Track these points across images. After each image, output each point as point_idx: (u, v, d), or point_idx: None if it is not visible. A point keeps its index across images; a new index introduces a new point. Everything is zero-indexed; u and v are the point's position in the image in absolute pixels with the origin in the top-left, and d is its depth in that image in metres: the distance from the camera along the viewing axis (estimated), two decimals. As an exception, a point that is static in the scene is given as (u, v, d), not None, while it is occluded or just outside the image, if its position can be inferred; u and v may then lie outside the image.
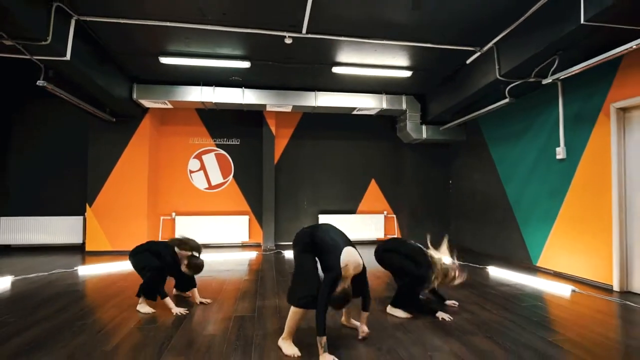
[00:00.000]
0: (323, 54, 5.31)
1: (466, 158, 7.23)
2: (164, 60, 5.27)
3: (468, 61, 5.35)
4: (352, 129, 7.94)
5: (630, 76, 4.03)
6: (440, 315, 3.19)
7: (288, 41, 4.77)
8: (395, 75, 5.88)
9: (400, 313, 3.30)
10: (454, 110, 6.36)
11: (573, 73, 4.07)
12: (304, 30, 4.54)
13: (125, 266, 5.23)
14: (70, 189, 7.00)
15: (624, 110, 4.18)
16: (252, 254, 6.53)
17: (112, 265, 5.41)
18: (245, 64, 5.45)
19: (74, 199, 6.96)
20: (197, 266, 3.58)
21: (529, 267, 5.39)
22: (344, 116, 7.63)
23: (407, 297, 3.32)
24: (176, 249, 3.64)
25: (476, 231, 6.86)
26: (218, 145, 7.57)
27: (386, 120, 7.95)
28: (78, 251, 6.67)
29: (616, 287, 4.13)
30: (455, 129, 7.08)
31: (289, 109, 6.86)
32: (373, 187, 8.05)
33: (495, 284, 4.42)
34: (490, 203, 6.43)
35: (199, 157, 7.50)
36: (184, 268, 3.57)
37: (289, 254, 6.49)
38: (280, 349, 2.49)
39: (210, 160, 7.53)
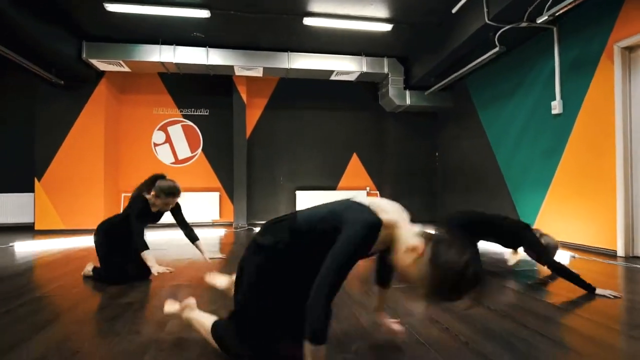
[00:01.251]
0: (293, 1, 4.70)
1: (454, 126, 6.71)
2: (110, 7, 4.62)
3: (454, 10, 4.79)
4: (332, 98, 7.35)
5: (638, 8, 3.50)
6: None
7: (248, -20, 4.17)
8: (374, 29, 5.31)
9: None
10: (438, 71, 5.81)
11: (572, 5, 3.53)
12: (265, -36, 3.94)
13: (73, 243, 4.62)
14: (18, 163, 6.31)
15: (629, 49, 3.66)
16: (222, 232, 5.96)
17: (57, 241, 4.79)
18: (204, 13, 4.81)
19: (22, 174, 6.28)
20: (166, 188, 2.77)
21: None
22: (323, 84, 7.03)
23: None
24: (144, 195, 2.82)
25: (465, 203, 6.35)
26: (185, 116, 6.93)
27: (368, 88, 7.36)
28: (30, 231, 6.01)
29: (620, 252, 3.65)
30: (442, 95, 6.55)
31: (259, 72, 6.25)
32: (355, 162, 7.49)
33: (482, 253, 3.91)
34: (480, 171, 5.93)
35: (163, 128, 6.86)
36: (155, 203, 2.79)
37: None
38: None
39: (176, 132, 6.90)
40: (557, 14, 3.77)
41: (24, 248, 4.35)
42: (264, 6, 4.80)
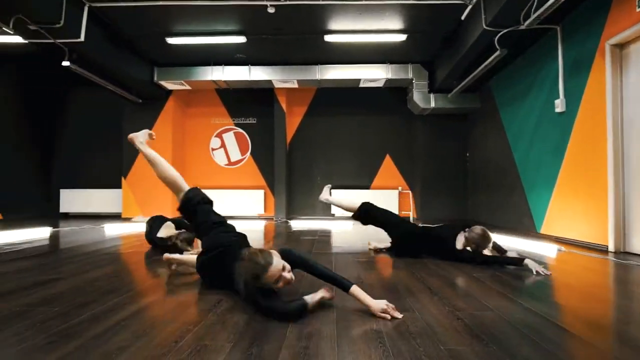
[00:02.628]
0: (310, 22, 5.45)
1: (481, 127, 6.81)
2: (171, 40, 5.85)
3: (463, 17, 5.10)
4: (365, 104, 7.91)
5: (626, 3, 3.54)
6: None
7: (270, 10, 5.00)
8: (390, 39, 5.80)
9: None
10: (456, 74, 6.05)
11: (555, 7, 3.69)
12: (282, -4, 4.74)
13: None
14: (111, 164, 8.00)
15: (620, 47, 3.70)
16: (264, 223, 6.91)
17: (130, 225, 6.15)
18: (241, 39, 5.81)
19: (114, 174, 7.96)
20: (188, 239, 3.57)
21: (534, 235, 4.96)
22: (356, 91, 7.64)
23: None
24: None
25: (489, 203, 6.44)
26: (237, 124, 8.08)
27: (397, 93, 7.76)
28: (117, 219, 7.61)
29: (611, 248, 3.68)
30: (469, 96, 6.71)
31: (295, 84, 7.10)
32: (387, 162, 7.93)
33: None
34: (500, 170, 6.01)
35: (219, 135, 8.09)
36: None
37: (295, 223, 6.75)
38: None
39: (229, 138, 8.08)
40: (543, 17, 3.93)
41: (111, 228, 5.73)
42: (289, 29, 5.62)
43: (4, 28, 4.30)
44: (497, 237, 3.34)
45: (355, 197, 7.59)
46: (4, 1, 4.18)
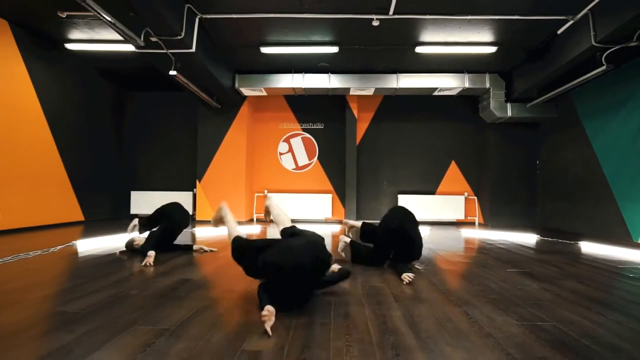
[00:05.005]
0: (407, 34, 5.61)
1: (557, 136, 6.95)
2: (265, 50, 6.02)
3: (559, 31, 5.25)
4: (431, 110, 8.08)
5: None
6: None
7: (375, 23, 5.18)
8: (480, 52, 5.94)
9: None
10: (541, 86, 6.20)
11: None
12: (391, 11, 4.90)
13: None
14: (183, 167, 8.21)
15: None
16: (337, 227, 7.08)
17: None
18: (334, 49, 5.97)
19: (185, 177, 8.17)
20: None
21: (630, 244, 5.11)
22: (423, 98, 7.80)
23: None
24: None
25: (567, 211, 6.58)
26: (304, 130, 8.25)
27: (466, 101, 7.94)
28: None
29: None
30: (545, 106, 6.85)
31: (371, 92, 7.26)
32: (453, 169, 8.09)
33: (589, 259, 4.32)
34: (584, 180, 6.15)
35: (287, 140, 8.27)
36: None
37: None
38: None
39: (297, 143, 8.25)
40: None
41: (201, 232, 5.93)
42: (384, 40, 5.78)
43: (136, 40, 4.47)
44: (585, 245, 3.48)
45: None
46: (137, 16, 4.37)
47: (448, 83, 6.92)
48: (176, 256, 3.76)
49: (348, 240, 3.60)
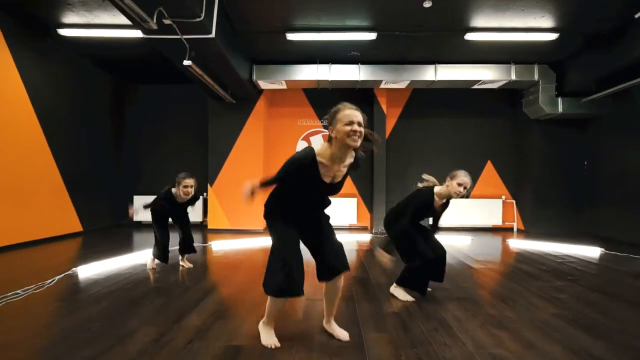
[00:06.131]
0: (459, 18, 4.84)
1: (613, 135, 6.23)
2: (291, 36, 5.20)
3: (637, 15, 4.52)
4: (465, 105, 7.33)
5: None
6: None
7: (427, 4, 4.41)
8: (539, 39, 5.20)
9: (402, 294, 2.87)
10: (602, 78, 5.48)
11: None
12: (451, -11, 4.13)
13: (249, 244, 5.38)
14: (192, 169, 7.35)
15: None
16: (365, 237, 6.36)
17: (236, 242, 5.57)
18: (372, 36, 5.18)
19: (200, 180, 7.34)
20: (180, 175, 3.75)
21: None
22: (456, 91, 7.05)
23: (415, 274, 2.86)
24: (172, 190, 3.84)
25: (624, 219, 5.91)
26: (325, 127, 7.45)
27: (504, 94, 7.21)
28: (199, 229, 7.01)
29: None
30: (600, 101, 6.11)
31: (404, 85, 6.49)
32: (489, 169, 7.39)
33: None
34: (650, 185, 5.48)
35: (306, 139, 7.48)
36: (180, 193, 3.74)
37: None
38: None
39: (317, 142, 7.44)
40: None
41: (218, 245, 5.16)
42: (430, 25, 5.00)
43: (148, 21, 3.65)
44: None
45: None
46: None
47: (492, 75, 6.17)
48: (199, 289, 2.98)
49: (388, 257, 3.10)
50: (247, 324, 2.33)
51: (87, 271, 3.66)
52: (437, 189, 2.94)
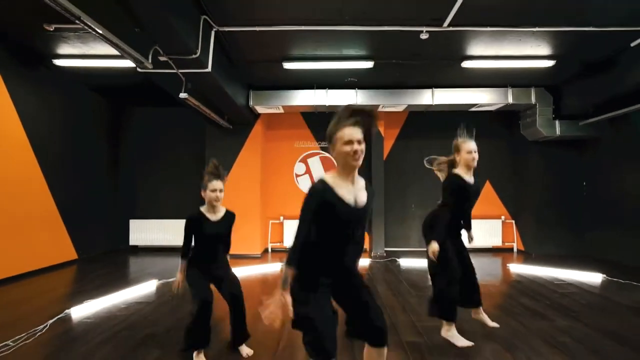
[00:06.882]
0: (456, 47, 4.85)
1: (612, 157, 6.22)
2: (288, 65, 5.20)
3: (633, 44, 4.55)
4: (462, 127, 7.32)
5: None
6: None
7: (424, 36, 4.40)
8: (535, 65, 5.21)
9: (458, 339, 2.79)
10: (599, 103, 5.49)
11: None
12: (447, 23, 4.13)
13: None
14: (189, 193, 7.28)
15: None
16: (364, 262, 6.30)
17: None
18: (369, 64, 5.18)
19: (191, 203, 7.27)
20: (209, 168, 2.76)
21: None
22: (453, 113, 7.01)
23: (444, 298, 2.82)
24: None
25: (626, 241, 5.89)
26: (323, 148, 7.44)
27: (501, 117, 7.22)
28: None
29: None
30: (598, 124, 6.11)
31: (401, 108, 6.49)
32: (487, 189, 7.37)
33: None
34: (650, 209, 5.46)
35: (304, 160, 7.45)
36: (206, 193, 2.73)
37: (404, 262, 6.14)
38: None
39: (315, 163, 7.44)
40: None
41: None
42: (429, 54, 5.01)
43: (143, 62, 3.62)
44: None
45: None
46: (144, 32, 3.52)
47: (489, 98, 6.18)
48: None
49: None
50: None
51: (80, 312, 3.59)
52: (454, 170, 2.94)
